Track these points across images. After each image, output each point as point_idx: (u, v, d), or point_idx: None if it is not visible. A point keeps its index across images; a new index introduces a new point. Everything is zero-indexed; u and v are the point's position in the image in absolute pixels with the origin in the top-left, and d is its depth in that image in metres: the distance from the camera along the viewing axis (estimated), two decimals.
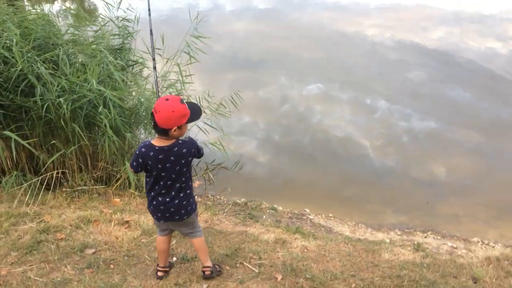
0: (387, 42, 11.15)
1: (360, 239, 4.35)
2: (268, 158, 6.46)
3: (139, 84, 5.30)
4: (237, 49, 10.08)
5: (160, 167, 2.80)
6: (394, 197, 5.60)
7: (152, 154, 2.77)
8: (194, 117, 2.78)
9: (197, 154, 2.91)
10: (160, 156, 2.77)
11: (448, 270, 3.67)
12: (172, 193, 2.89)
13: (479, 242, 4.62)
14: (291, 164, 6.30)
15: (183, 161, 2.82)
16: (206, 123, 5.74)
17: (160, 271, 3.29)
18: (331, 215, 5.07)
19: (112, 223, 4.06)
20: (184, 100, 2.74)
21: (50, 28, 5.20)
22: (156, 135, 2.82)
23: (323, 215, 5.02)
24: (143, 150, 2.80)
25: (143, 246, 3.72)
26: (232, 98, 6.12)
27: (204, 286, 3.20)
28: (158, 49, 5.56)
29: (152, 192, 2.92)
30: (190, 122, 2.77)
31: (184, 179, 2.90)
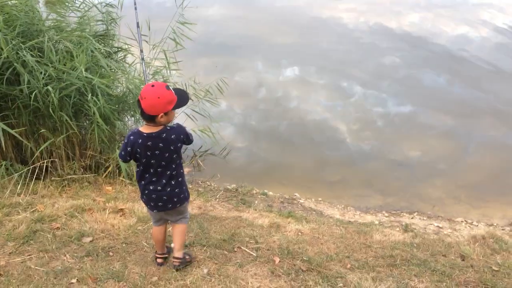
0: (361, 27, 11.24)
1: (351, 222, 4.47)
2: (248, 143, 6.48)
3: (127, 72, 5.25)
4: (211, 34, 9.91)
5: (149, 154, 2.78)
6: (377, 180, 5.73)
7: (140, 141, 2.75)
8: (180, 103, 2.76)
9: (186, 140, 2.90)
10: (148, 143, 2.75)
11: (437, 249, 3.82)
12: (163, 180, 2.88)
13: (463, 221, 4.79)
14: (275, 149, 6.35)
15: (172, 147, 2.81)
16: (194, 110, 5.75)
17: (159, 257, 3.32)
18: (320, 199, 5.17)
19: (107, 212, 4.06)
20: (170, 86, 2.72)
21: (33, 14, 5.09)
22: (144, 122, 2.81)
23: (313, 199, 5.12)
24: (131, 138, 2.78)
25: (140, 233, 3.74)
26: (218, 85, 6.14)
27: (205, 270, 3.25)
28: (144, 35, 5.51)
29: (143, 181, 2.92)
30: (177, 108, 2.75)
31: (174, 166, 2.89)
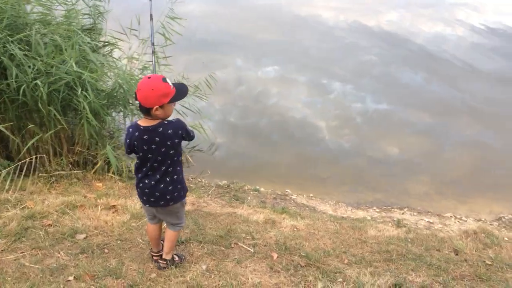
0: (341, 25, 11.37)
1: (344, 217, 4.50)
2: (232, 140, 6.45)
3: (117, 66, 5.16)
4: (192, 30, 9.83)
5: (145, 148, 2.73)
6: (363, 176, 5.79)
7: (137, 134, 2.71)
8: (178, 96, 2.70)
9: (186, 136, 2.83)
10: (145, 137, 2.70)
11: (431, 244, 3.87)
12: (157, 176, 2.82)
13: (452, 217, 4.87)
14: (261, 146, 6.35)
15: (169, 142, 2.73)
16: (183, 105, 5.70)
17: (155, 255, 3.25)
18: (311, 195, 5.18)
19: (99, 208, 3.99)
20: (166, 79, 2.64)
21: (19, 7, 4.96)
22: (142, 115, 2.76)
23: (305, 195, 5.12)
24: (130, 130, 2.75)
25: (134, 229, 3.68)
26: (207, 81, 6.10)
27: (204, 266, 3.22)
28: (134, 30, 5.45)
29: (140, 174, 2.87)
30: (173, 101, 2.68)
31: (170, 162, 2.81)
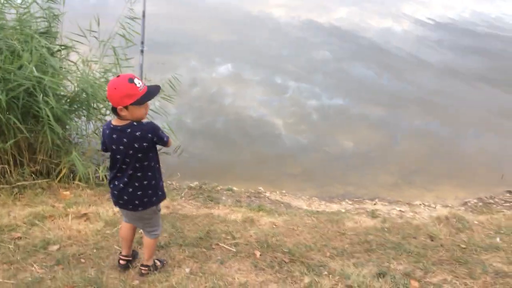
0: (293, 22, 11.52)
1: (320, 211, 4.52)
2: (191, 142, 6.32)
3: (80, 70, 4.98)
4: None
5: (114, 148, 2.65)
6: (330, 170, 5.84)
7: (108, 132, 2.65)
8: (144, 99, 2.54)
9: (158, 141, 2.70)
10: (114, 136, 2.62)
11: (407, 231, 3.95)
12: (125, 179, 2.71)
13: (421, 204, 4.99)
14: (222, 147, 6.28)
15: (136, 145, 2.60)
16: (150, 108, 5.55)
17: (122, 259, 3.12)
18: (284, 191, 5.17)
19: (69, 217, 3.82)
20: (134, 80, 2.50)
21: None
22: None
23: (278, 192, 5.11)
24: (104, 127, 2.71)
25: (110, 237, 3.56)
26: (171, 82, 5.99)
27: (187, 270, 3.15)
28: (94, 31, 5.26)
29: (111, 173, 2.79)
30: (138, 104, 2.52)
31: (139, 166, 2.68)
